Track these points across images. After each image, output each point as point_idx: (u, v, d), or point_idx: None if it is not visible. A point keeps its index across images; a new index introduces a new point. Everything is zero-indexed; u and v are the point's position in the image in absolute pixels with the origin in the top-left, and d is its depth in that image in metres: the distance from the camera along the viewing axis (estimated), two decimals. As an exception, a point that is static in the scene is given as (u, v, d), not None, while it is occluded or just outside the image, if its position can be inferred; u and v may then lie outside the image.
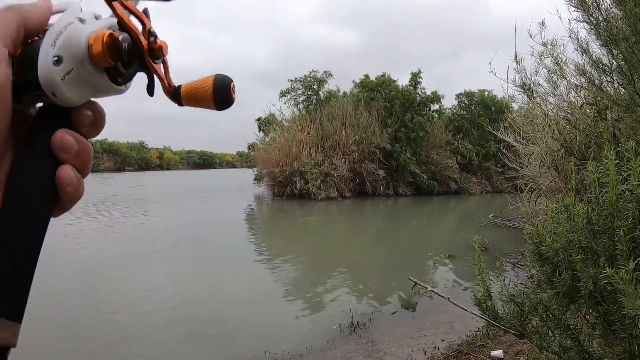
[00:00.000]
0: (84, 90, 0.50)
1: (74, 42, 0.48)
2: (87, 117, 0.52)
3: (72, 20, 0.50)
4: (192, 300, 6.67)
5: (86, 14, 0.52)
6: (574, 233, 1.93)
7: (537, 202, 4.40)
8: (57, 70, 0.47)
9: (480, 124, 27.62)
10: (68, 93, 0.49)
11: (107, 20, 0.53)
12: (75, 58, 0.48)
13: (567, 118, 3.59)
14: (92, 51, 0.48)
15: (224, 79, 0.60)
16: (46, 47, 0.48)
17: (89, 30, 0.49)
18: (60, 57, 0.48)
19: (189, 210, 20.23)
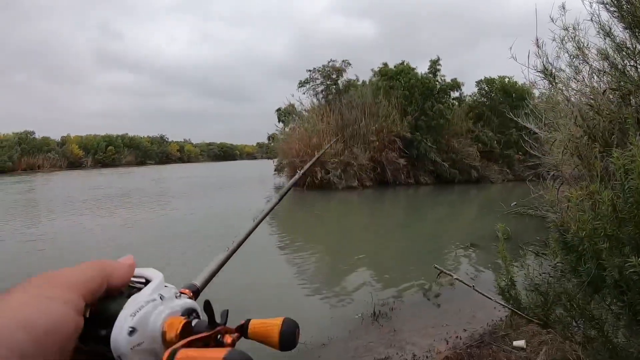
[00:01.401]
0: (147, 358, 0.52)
1: (151, 321, 0.52)
2: None
3: (154, 297, 0.55)
4: (213, 291, 6.69)
5: (168, 291, 0.58)
6: (599, 221, 1.89)
7: (560, 190, 4.33)
8: (130, 340, 0.50)
9: (501, 111, 27.20)
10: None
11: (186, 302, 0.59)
12: (148, 335, 0.52)
13: (590, 104, 3.51)
14: (165, 335, 0.53)
15: (290, 325, 0.67)
16: (125, 315, 0.51)
17: (166, 311, 0.54)
18: (136, 329, 0.51)
19: (209, 203, 20.37)
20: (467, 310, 5.63)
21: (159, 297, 0.55)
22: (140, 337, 0.51)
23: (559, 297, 2.18)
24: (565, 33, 3.75)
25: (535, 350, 3.98)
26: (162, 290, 0.57)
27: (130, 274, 0.57)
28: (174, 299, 0.57)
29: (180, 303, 0.58)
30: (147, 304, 0.53)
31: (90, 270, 0.52)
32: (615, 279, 1.78)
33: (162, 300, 0.55)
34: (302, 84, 30.32)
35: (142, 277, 0.59)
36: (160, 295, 0.55)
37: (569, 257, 2.10)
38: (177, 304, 0.57)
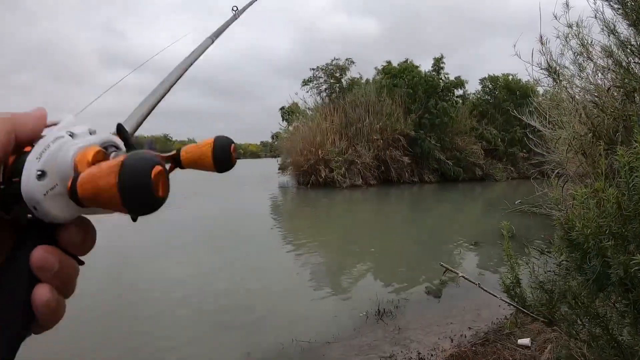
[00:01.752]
0: (70, 207, 0.46)
1: (60, 156, 0.46)
2: (74, 235, 0.49)
3: (61, 134, 0.47)
4: (218, 290, 6.74)
5: (79, 128, 0.50)
6: (604, 219, 1.89)
7: (565, 187, 4.32)
8: (40, 184, 0.44)
9: (505, 108, 27.16)
10: (50, 209, 0.45)
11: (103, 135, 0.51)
12: (60, 174, 0.45)
13: (595, 101, 3.50)
14: (77, 169, 0.45)
15: (223, 142, 0.61)
16: (31, 160, 0.45)
17: (78, 145, 0.46)
18: (44, 171, 0.45)
19: (214, 201, 20.41)
20: (471, 308, 5.63)
21: (68, 135, 0.48)
22: (51, 179, 0.45)
23: (564, 295, 2.18)
24: (569, 30, 3.75)
25: (540, 348, 3.98)
26: (73, 128, 0.49)
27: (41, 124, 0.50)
28: (86, 136, 0.49)
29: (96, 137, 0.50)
30: (54, 142, 0.46)
31: None
32: (621, 277, 1.78)
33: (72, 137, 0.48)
34: (306, 83, 30.37)
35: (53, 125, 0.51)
36: (70, 132, 0.48)
37: (574, 254, 2.09)
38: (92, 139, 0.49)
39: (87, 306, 5.90)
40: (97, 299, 6.26)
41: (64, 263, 0.48)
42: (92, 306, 5.95)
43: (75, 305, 2.56)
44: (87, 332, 5.25)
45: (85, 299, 6.21)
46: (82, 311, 5.77)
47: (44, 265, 0.46)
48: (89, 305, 5.99)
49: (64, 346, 4.92)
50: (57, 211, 0.46)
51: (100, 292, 6.55)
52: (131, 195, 0.39)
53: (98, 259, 8.96)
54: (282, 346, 4.68)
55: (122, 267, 8.28)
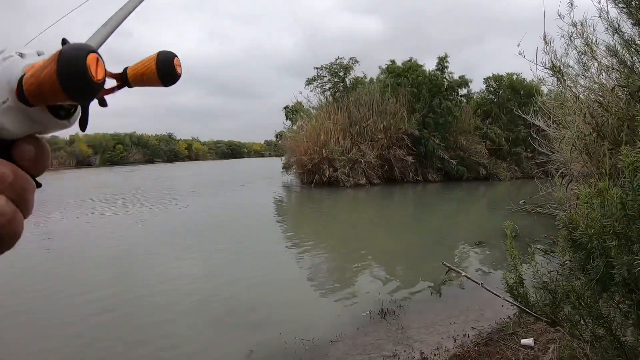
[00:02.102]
0: (22, 123, 0.47)
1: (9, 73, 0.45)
2: (27, 152, 0.49)
3: (11, 54, 0.47)
4: (223, 289, 6.75)
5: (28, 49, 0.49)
6: (608, 219, 1.89)
7: (569, 187, 4.31)
8: None
9: (509, 108, 27.08)
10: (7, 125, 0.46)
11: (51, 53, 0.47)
12: (10, 89, 0.45)
13: (599, 101, 3.49)
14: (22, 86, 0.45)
15: (167, 55, 0.60)
16: None
17: (26, 62, 0.47)
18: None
19: (217, 200, 20.46)
20: (475, 307, 5.62)
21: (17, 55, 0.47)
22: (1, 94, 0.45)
23: (568, 295, 2.17)
24: (573, 29, 3.73)
25: (543, 348, 3.97)
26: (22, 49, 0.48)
27: None
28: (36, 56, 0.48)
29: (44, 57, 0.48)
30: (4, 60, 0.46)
31: None
32: (624, 277, 1.78)
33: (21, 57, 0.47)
34: (310, 82, 30.34)
35: None
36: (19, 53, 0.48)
37: (578, 255, 2.09)
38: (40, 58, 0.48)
39: (91, 302, 5.93)
40: (100, 295, 6.29)
41: (18, 174, 0.47)
42: (95, 303, 5.98)
43: (79, 301, 2.60)
44: (90, 329, 5.27)
45: (89, 295, 6.25)
46: (85, 307, 5.80)
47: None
48: (92, 301, 6.02)
49: (67, 342, 4.95)
50: (9, 125, 0.46)
51: (103, 288, 6.57)
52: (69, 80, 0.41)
53: (101, 255, 9.01)
54: (285, 345, 4.69)
55: (126, 264, 8.30)
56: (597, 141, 3.35)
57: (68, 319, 5.59)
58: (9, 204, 0.46)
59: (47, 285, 6.88)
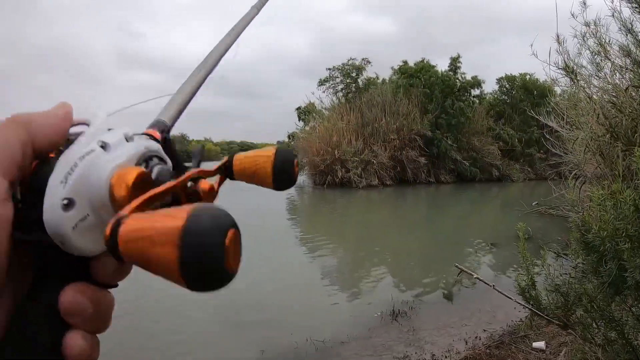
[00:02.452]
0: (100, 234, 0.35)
1: (91, 180, 0.38)
2: (108, 266, 0.41)
3: (92, 147, 0.39)
4: (234, 288, 6.71)
5: (113, 135, 0.41)
6: (621, 221, 1.87)
7: (582, 189, 4.28)
8: (67, 216, 0.37)
9: (522, 108, 26.93)
10: (80, 244, 0.38)
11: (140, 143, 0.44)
12: (91, 202, 0.38)
13: (612, 101, 3.46)
14: (114, 194, 0.37)
15: (287, 156, 0.51)
16: (55, 184, 0.37)
17: (113, 163, 0.39)
18: (72, 200, 0.37)
19: (230, 200, 20.34)
20: (486, 310, 5.59)
21: (100, 146, 0.39)
22: (80, 209, 0.37)
23: (580, 298, 2.16)
24: (586, 29, 3.71)
25: (555, 351, 3.95)
26: (104, 135, 0.40)
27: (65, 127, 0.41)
28: (123, 144, 0.41)
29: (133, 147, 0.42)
30: (82, 159, 0.38)
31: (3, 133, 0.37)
32: (637, 280, 1.77)
33: (104, 149, 0.39)
34: (322, 83, 30.37)
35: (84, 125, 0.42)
36: (102, 142, 0.39)
37: (590, 257, 2.08)
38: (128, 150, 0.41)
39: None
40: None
41: (98, 301, 0.40)
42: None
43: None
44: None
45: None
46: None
47: (76, 310, 0.38)
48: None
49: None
50: (89, 245, 0.39)
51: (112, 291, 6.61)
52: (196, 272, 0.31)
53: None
54: (296, 345, 4.70)
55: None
56: (611, 142, 3.32)
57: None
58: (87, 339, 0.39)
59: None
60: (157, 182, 0.40)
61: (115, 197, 0.37)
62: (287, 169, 0.50)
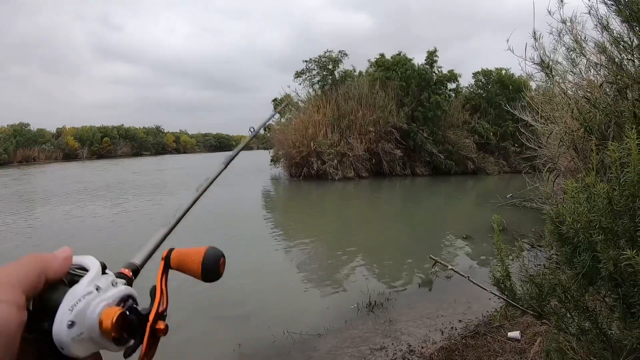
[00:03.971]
0: (90, 347, 0.56)
1: (88, 312, 0.55)
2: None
3: (90, 289, 0.57)
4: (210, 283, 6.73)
5: (104, 281, 0.60)
6: (595, 213, 1.91)
7: (556, 182, 4.34)
8: (70, 332, 0.53)
9: (497, 102, 27.24)
10: (75, 350, 0.54)
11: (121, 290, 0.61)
12: (87, 326, 0.55)
13: (587, 97, 3.52)
14: (102, 326, 0.55)
15: (214, 255, 0.71)
16: (64, 310, 0.54)
17: (103, 303, 0.57)
18: (74, 322, 0.54)
19: (206, 193, 20.32)
20: (462, 300, 5.67)
21: (95, 289, 0.57)
22: (79, 328, 0.54)
23: (554, 288, 2.19)
24: (562, 26, 3.75)
25: (529, 341, 4.01)
26: (99, 280, 0.59)
27: (66, 266, 0.59)
28: (109, 289, 0.60)
29: (115, 292, 0.60)
30: (84, 297, 0.56)
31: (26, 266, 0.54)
32: (610, 272, 1.80)
33: (98, 291, 0.57)
34: (299, 75, 30.21)
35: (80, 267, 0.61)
36: (97, 286, 0.58)
37: (564, 249, 2.11)
38: (112, 294, 0.59)
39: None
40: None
41: None
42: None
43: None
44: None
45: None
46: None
47: None
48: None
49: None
50: (80, 352, 0.54)
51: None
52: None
53: (88, 248, 8.93)
54: (273, 338, 4.70)
55: (111, 257, 8.25)
56: (585, 137, 3.38)
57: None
58: None
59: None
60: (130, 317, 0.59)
61: (102, 327, 0.55)
62: (213, 267, 0.71)
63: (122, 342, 0.59)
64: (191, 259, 0.70)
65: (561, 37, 3.79)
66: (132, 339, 0.60)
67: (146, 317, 0.62)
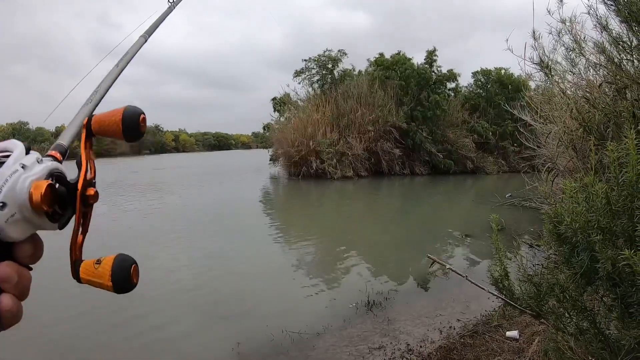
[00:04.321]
0: (25, 229, 0.56)
1: (16, 190, 0.54)
2: (28, 250, 0.57)
3: (16, 167, 0.56)
4: (209, 281, 6.75)
5: (29, 159, 0.58)
6: (593, 213, 1.91)
7: (555, 182, 4.34)
8: (2, 214, 0.53)
9: (497, 102, 27.23)
10: (11, 232, 0.54)
11: (48, 165, 0.60)
12: (17, 204, 0.54)
13: (586, 97, 3.52)
14: (32, 200, 0.54)
15: (134, 111, 0.67)
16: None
17: (30, 178, 0.56)
18: (5, 203, 0.53)
19: (205, 192, 20.36)
20: (461, 300, 5.67)
21: (21, 167, 0.56)
22: (11, 209, 0.53)
23: (552, 288, 2.19)
24: (562, 26, 3.75)
25: (528, 340, 4.01)
26: (23, 159, 0.57)
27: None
28: (35, 166, 0.58)
29: (42, 167, 0.59)
30: (11, 176, 0.55)
31: None
32: (608, 271, 1.80)
33: (24, 169, 0.56)
34: (298, 74, 30.22)
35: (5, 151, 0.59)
36: (22, 164, 0.56)
37: (563, 248, 2.11)
38: (39, 169, 0.58)
39: (78, 296, 5.88)
40: (86, 288, 6.25)
41: (21, 274, 0.56)
42: (83, 296, 5.94)
43: (67, 295, 2.57)
44: (80, 322, 5.25)
45: (75, 289, 6.19)
46: (74, 301, 5.76)
47: (6, 279, 0.54)
48: (79, 295, 5.97)
49: (59, 335, 4.93)
50: (16, 234, 0.55)
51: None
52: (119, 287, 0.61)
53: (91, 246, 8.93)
54: (272, 337, 4.70)
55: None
56: (584, 136, 3.38)
57: (58, 316, 5.56)
58: (14, 300, 0.55)
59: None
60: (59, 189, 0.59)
61: (33, 202, 0.54)
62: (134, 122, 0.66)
63: (56, 218, 0.59)
64: (111, 119, 0.66)
65: (560, 37, 3.79)
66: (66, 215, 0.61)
67: (75, 186, 0.62)
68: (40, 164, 0.59)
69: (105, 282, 0.62)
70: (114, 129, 0.66)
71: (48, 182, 0.56)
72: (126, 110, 0.66)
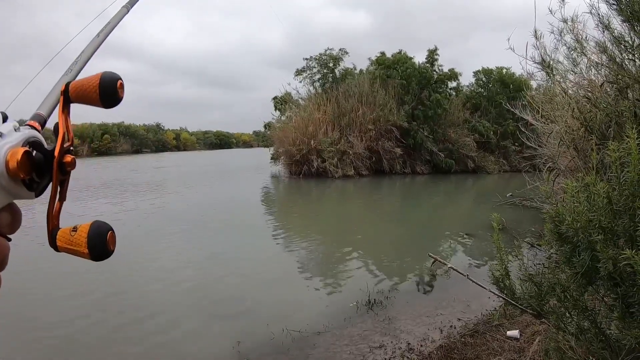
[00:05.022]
0: (2, 197, 0.56)
1: None
2: (6, 219, 0.57)
3: None
4: (210, 280, 6.75)
5: (5, 127, 0.58)
6: (594, 213, 1.91)
7: (556, 181, 4.34)
8: None
9: (498, 101, 27.18)
10: None
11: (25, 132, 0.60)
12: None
13: (587, 96, 3.52)
14: (8, 167, 0.54)
15: (111, 76, 0.64)
16: None
17: (6, 145, 0.56)
18: None
19: (206, 191, 20.35)
20: (461, 299, 5.66)
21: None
22: None
23: (553, 287, 2.19)
24: (564, 25, 3.75)
25: (528, 340, 4.01)
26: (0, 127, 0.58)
27: None
28: (12, 133, 0.58)
29: (19, 135, 0.59)
30: None
31: None
32: (609, 271, 1.80)
33: (1, 137, 0.56)
34: (299, 73, 30.21)
35: None
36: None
37: (564, 248, 2.11)
38: (16, 137, 0.58)
39: (79, 295, 5.89)
40: (89, 288, 6.25)
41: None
42: (84, 296, 5.94)
43: (66, 294, 2.59)
44: (80, 321, 5.25)
45: (77, 288, 6.20)
46: (74, 300, 5.76)
47: None
48: (81, 294, 5.98)
49: (58, 333, 4.92)
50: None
51: (92, 282, 6.52)
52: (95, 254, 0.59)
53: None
54: (273, 335, 4.70)
55: (115, 255, 8.25)
56: (585, 136, 3.38)
57: (54, 317, 5.56)
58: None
59: (32, 283, 6.82)
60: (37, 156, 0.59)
61: (9, 169, 0.54)
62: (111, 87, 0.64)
63: (33, 187, 0.59)
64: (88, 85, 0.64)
65: (562, 37, 3.79)
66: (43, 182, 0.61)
67: (52, 153, 0.61)
68: (17, 132, 0.59)
69: (82, 250, 0.61)
70: (92, 95, 0.64)
71: (25, 149, 0.56)
72: (103, 76, 0.64)
